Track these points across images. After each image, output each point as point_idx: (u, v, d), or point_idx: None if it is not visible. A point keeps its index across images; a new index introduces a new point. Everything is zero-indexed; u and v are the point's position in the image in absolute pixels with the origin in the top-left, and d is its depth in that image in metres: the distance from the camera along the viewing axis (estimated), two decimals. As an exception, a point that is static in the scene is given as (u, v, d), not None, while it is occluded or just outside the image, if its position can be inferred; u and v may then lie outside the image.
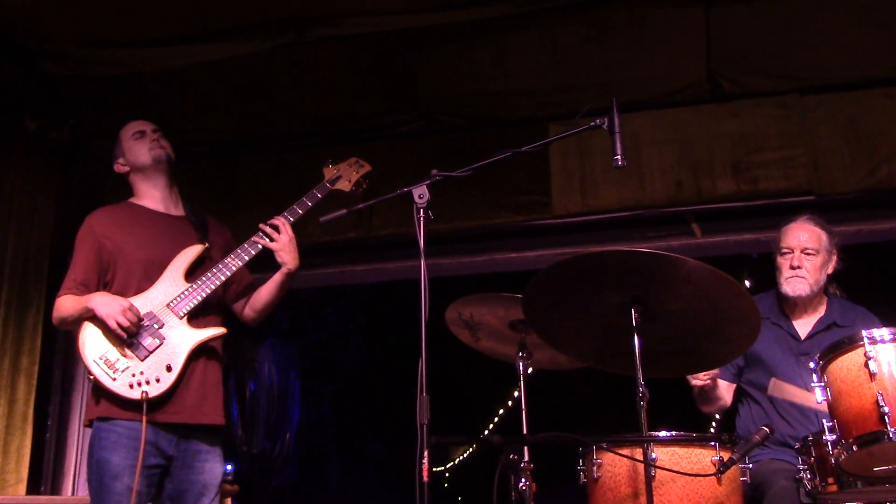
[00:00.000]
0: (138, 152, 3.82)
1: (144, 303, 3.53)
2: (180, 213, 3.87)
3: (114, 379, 3.41)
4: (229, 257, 3.67)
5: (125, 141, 3.87)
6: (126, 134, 3.89)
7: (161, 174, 3.83)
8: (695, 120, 5.40)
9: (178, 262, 3.65)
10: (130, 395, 3.40)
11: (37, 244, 5.64)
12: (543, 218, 5.52)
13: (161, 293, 3.58)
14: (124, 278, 3.62)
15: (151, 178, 3.83)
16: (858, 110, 5.21)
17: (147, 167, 3.82)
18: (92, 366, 3.43)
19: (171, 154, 3.84)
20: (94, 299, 3.48)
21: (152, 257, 3.64)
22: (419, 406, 2.64)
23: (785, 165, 5.20)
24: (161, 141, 3.84)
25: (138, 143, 3.83)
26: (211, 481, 3.58)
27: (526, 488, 3.26)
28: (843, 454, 2.91)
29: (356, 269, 6.02)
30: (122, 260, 3.64)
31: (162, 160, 3.80)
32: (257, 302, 3.84)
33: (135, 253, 3.65)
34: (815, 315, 4.02)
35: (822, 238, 3.98)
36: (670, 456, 2.95)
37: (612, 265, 3.03)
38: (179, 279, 3.62)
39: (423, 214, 2.94)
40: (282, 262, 3.71)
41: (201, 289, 3.60)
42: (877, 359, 2.88)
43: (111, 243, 3.66)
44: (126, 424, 3.42)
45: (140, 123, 3.91)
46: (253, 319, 3.89)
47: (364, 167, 3.98)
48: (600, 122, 3.03)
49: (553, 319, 3.26)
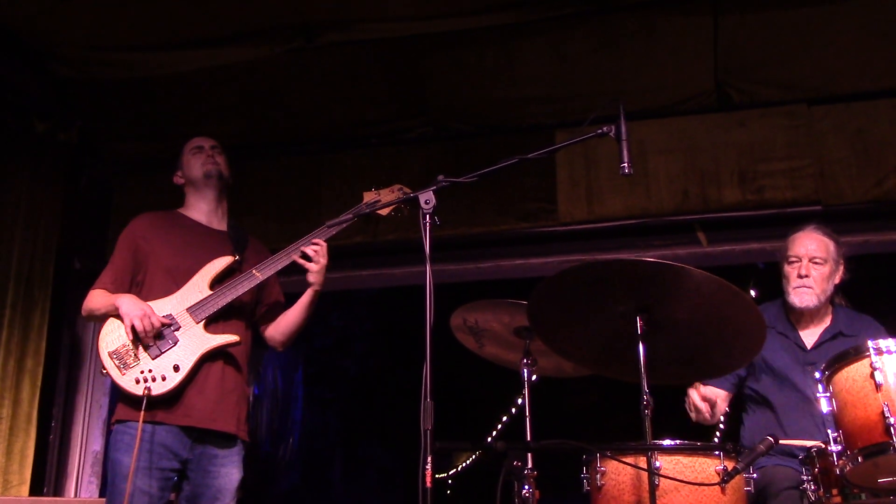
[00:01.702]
0: (193, 166, 3.96)
1: (166, 305, 3.62)
2: (222, 229, 3.96)
3: (123, 374, 3.49)
4: (254, 268, 3.72)
5: (185, 154, 4.01)
6: (187, 147, 4.03)
7: (210, 189, 3.95)
8: (702, 129, 5.40)
9: (206, 271, 3.73)
10: (135, 390, 3.46)
11: (43, 246, 5.64)
12: (549, 225, 5.52)
13: (184, 298, 3.66)
14: (152, 280, 3.72)
15: (201, 192, 3.95)
16: (866, 121, 5.20)
17: (198, 181, 3.94)
18: (105, 359, 3.53)
19: (223, 171, 3.97)
20: (121, 299, 3.60)
21: (182, 264, 3.73)
22: (423, 412, 2.64)
23: (792, 175, 5.20)
24: (216, 157, 3.96)
25: (195, 157, 3.97)
26: (226, 486, 3.62)
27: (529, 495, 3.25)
28: (848, 465, 2.90)
29: (362, 274, 6.02)
30: (153, 262, 3.75)
31: (212, 175, 3.93)
32: (284, 325, 3.89)
33: (166, 257, 3.75)
34: (821, 325, 4.00)
35: (830, 247, 3.97)
36: (674, 465, 2.94)
37: (619, 274, 3.02)
38: (204, 286, 3.69)
39: (429, 220, 2.94)
40: (311, 283, 3.78)
41: (223, 296, 3.66)
42: (883, 370, 2.87)
43: (148, 246, 3.78)
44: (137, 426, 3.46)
45: (201, 140, 4.05)
46: (280, 343, 3.93)
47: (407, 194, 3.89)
48: (607, 130, 3.03)
49: (558, 326, 3.26)
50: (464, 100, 5.64)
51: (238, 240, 3.91)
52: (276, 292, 3.96)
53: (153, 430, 3.49)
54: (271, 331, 3.93)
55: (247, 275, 3.70)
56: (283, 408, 11.24)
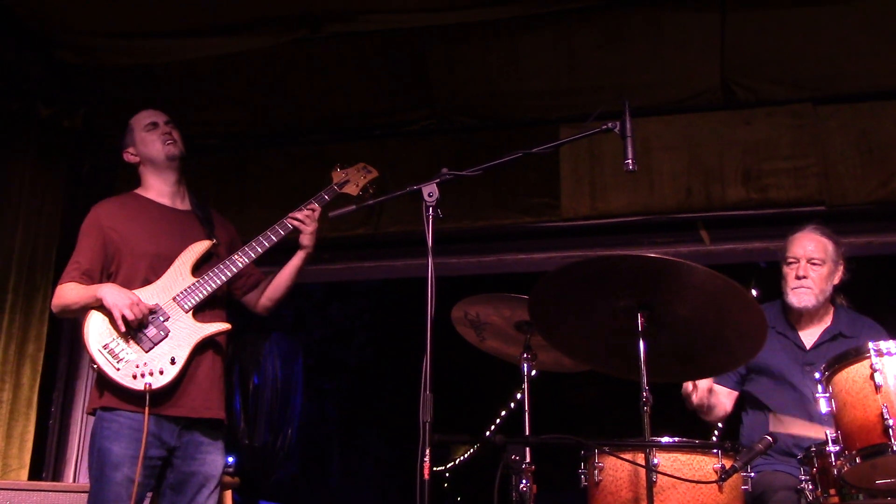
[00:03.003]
0: (150, 146, 3.81)
1: (150, 295, 3.55)
2: (187, 208, 3.87)
3: (117, 369, 3.42)
4: (236, 254, 3.70)
5: (137, 131, 3.85)
6: (138, 124, 3.87)
7: (172, 170, 3.84)
8: (707, 126, 5.39)
9: (186, 257, 3.66)
10: (133, 385, 3.40)
11: (45, 231, 5.65)
12: (552, 220, 5.51)
13: (167, 287, 3.59)
14: (129, 270, 3.62)
15: (161, 173, 3.83)
16: (872, 122, 5.19)
17: (158, 162, 3.81)
18: (96, 355, 3.43)
19: (182, 150, 3.84)
20: (103, 289, 3.49)
21: (159, 251, 3.65)
22: (422, 404, 2.64)
23: (796, 175, 5.19)
24: (174, 134, 3.83)
25: (150, 135, 3.82)
26: (212, 473, 3.59)
27: (527, 490, 3.26)
28: (846, 466, 2.90)
29: (364, 265, 6.02)
30: (127, 252, 3.64)
31: (175, 157, 3.80)
32: (273, 289, 3.89)
33: (141, 245, 3.65)
34: (821, 325, 4.00)
35: (829, 248, 3.96)
36: (672, 462, 2.94)
37: (621, 269, 3.02)
38: (186, 273, 3.63)
39: (432, 212, 2.94)
40: (304, 246, 3.80)
41: (207, 283, 3.61)
42: (883, 371, 2.87)
43: (117, 235, 3.66)
44: (128, 415, 3.43)
45: (152, 114, 3.89)
46: (267, 308, 3.93)
47: (371, 173, 4.02)
48: (612, 126, 3.03)
49: (558, 322, 3.25)
50: (468, 93, 5.63)
51: (205, 219, 3.83)
52: (252, 266, 3.86)
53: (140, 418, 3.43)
54: (257, 296, 3.91)
55: (229, 261, 3.66)
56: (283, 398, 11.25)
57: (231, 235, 3.90)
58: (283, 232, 3.76)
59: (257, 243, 3.71)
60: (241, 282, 3.88)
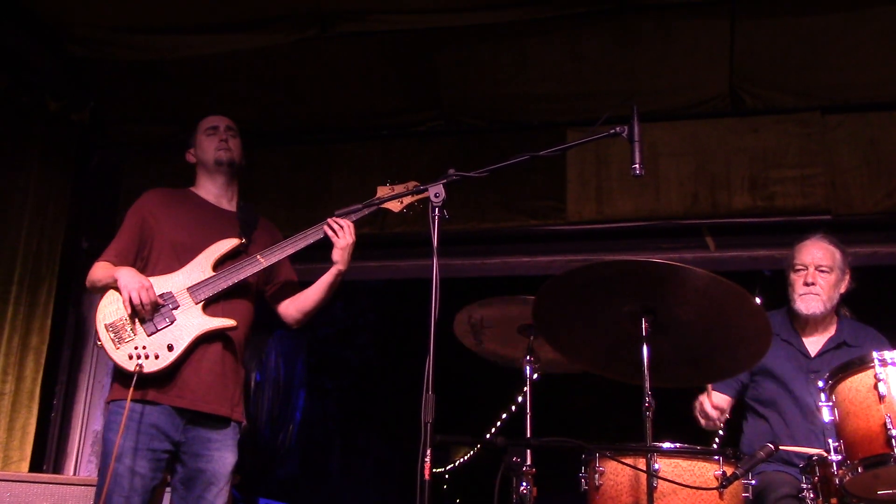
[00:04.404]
0: (206, 149, 3.91)
1: (166, 283, 3.60)
2: (232, 209, 3.92)
3: (117, 348, 3.47)
4: (260, 253, 3.71)
5: (198, 133, 3.96)
6: (201, 127, 3.98)
7: (222, 174, 3.91)
8: (714, 133, 5.39)
9: (211, 251, 3.71)
10: (127, 365, 3.44)
11: (52, 223, 5.66)
12: (558, 224, 5.51)
13: (185, 276, 3.63)
14: (157, 256, 3.70)
15: (212, 175, 3.92)
16: (880, 132, 5.18)
17: (209, 165, 3.90)
18: (101, 331, 3.51)
19: (234, 158, 3.92)
20: (120, 271, 3.58)
21: (186, 241, 3.71)
22: (424, 404, 2.64)
23: (803, 183, 5.18)
24: (230, 142, 3.92)
25: (209, 139, 3.92)
26: (220, 470, 3.58)
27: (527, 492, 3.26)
28: (848, 475, 2.91)
29: (368, 265, 6.02)
30: (159, 238, 3.73)
31: (223, 162, 3.89)
32: (304, 303, 3.87)
33: (171, 234, 3.73)
34: (825, 334, 4.01)
35: (837, 256, 3.97)
36: (673, 468, 2.94)
37: (626, 274, 3.02)
38: (207, 267, 3.67)
39: (438, 213, 2.94)
40: (336, 262, 3.76)
41: (224, 279, 3.63)
42: (887, 381, 2.88)
43: (154, 220, 3.76)
44: (132, 407, 3.44)
45: (216, 119, 3.99)
46: (297, 321, 3.91)
47: (422, 193, 3.77)
48: (620, 130, 3.02)
49: (563, 325, 3.25)
50: (476, 95, 5.63)
51: (246, 221, 3.88)
52: (287, 271, 3.91)
53: (143, 409, 3.46)
54: (288, 308, 3.90)
55: (251, 259, 3.68)
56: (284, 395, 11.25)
57: (274, 240, 3.86)
58: (311, 239, 3.74)
59: (281, 248, 3.72)
60: (272, 288, 3.91)
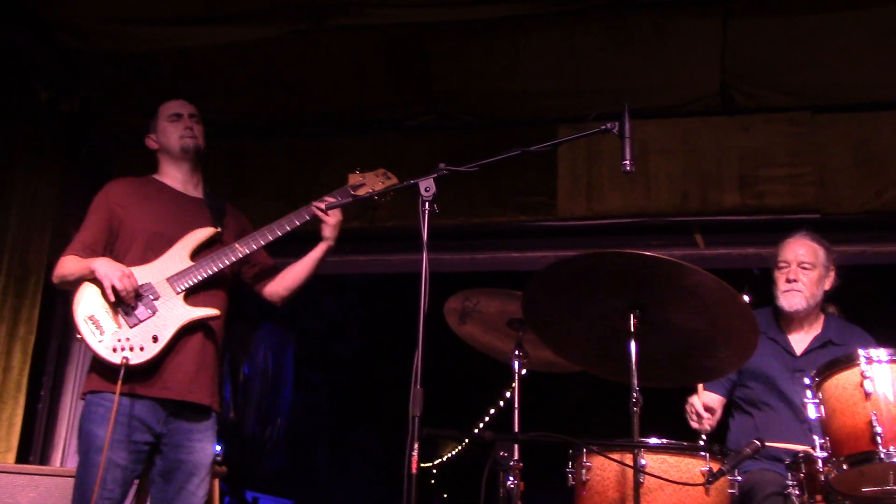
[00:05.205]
0: (169, 136, 3.86)
1: (144, 273, 3.55)
2: (198, 196, 3.89)
3: (99, 340, 3.43)
4: (238, 242, 3.69)
5: (161, 120, 3.90)
6: (163, 112, 3.92)
7: (187, 161, 3.88)
8: (705, 131, 5.40)
9: (187, 241, 3.67)
10: (111, 358, 3.40)
11: (41, 214, 5.64)
12: (548, 219, 5.52)
13: (163, 267, 3.59)
14: (127, 246, 3.65)
15: (176, 162, 3.88)
16: (870, 132, 5.21)
17: (174, 152, 3.86)
18: (81, 324, 3.45)
19: (200, 144, 3.88)
20: (96, 261, 3.52)
21: (160, 231, 3.67)
22: (412, 398, 2.64)
23: (792, 182, 5.21)
24: (194, 129, 3.87)
25: (173, 125, 3.87)
26: (201, 461, 3.58)
27: (514, 487, 3.26)
28: (834, 472, 2.92)
29: (358, 259, 6.02)
30: (128, 228, 3.67)
31: (189, 150, 3.84)
32: (289, 279, 3.87)
33: (143, 224, 3.68)
34: (811, 332, 4.03)
35: (820, 253, 3.99)
36: (660, 463, 2.94)
37: (616, 267, 3.02)
38: (185, 257, 3.64)
39: (428, 207, 2.94)
40: (325, 238, 3.78)
41: (203, 268, 3.61)
42: (873, 379, 2.89)
43: (123, 211, 3.70)
44: (113, 398, 3.40)
45: (178, 105, 3.94)
46: (282, 297, 3.90)
47: (391, 179, 3.93)
48: (611, 127, 3.02)
49: (552, 319, 3.26)
50: (469, 90, 5.63)
51: (216, 208, 3.85)
52: (262, 253, 3.88)
53: (131, 403, 3.44)
54: (274, 287, 3.89)
55: (229, 248, 3.66)
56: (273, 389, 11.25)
57: (243, 227, 3.88)
58: (297, 221, 3.75)
59: (261, 235, 3.72)
60: (252, 270, 3.89)
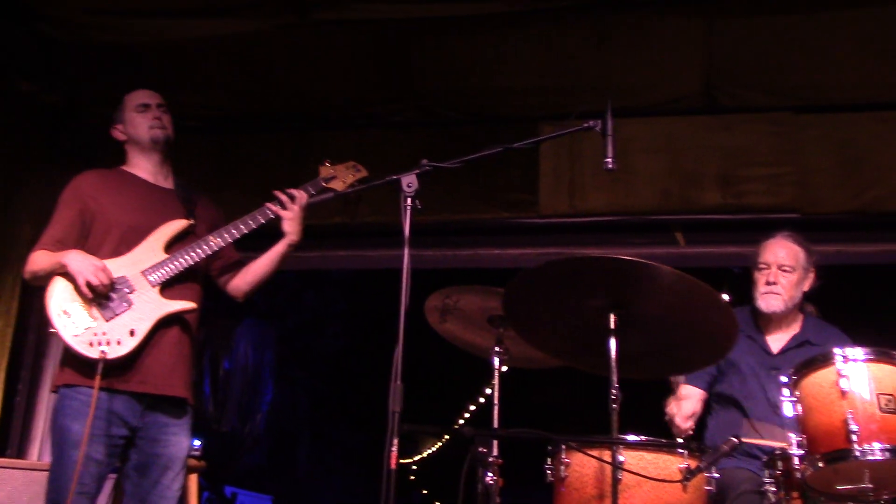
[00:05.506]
0: (138, 126, 3.79)
1: (118, 267, 3.51)
2: (169, 187, 3.85)
3: (75, 335, 3.38)
4: (212, 235, 3.66)
5: (128, 110, 3.83)
6: (130, 103, 3.85)
7: (158, 152, 3.83)
8: (687, 130, 5.43)
9: (160, 233, 3.63)
10: (88, 353, 3.36)
11: (21, 207, 5.60)
12: (530, 217, 5.53)
13: (137, 260, 3.55)
14: (100, 239, 3.60)
15: (146, 153, 3.82)
16: (850, 133, 5.25)
17: (144, 143, 3.80)
18: (55, 318, 3.40)
19: (169, 135, 3.83)
20: (68, 255, 3.46)
21: (132, 223, 3.62)
22: (392, 393, 2.64)
23: (772, 182, 5.24)
24: (163, 119, 3.82)
25: (141, 116, 3.80)
26: (177, 454, 3.56)
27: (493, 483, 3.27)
28: (809, 469, 2.94)
29: (339, 254, 6.01)
30: (101, 221, 3.62)
31: (159, 141, 3.79)
32: (252, 274, 3.84)
33: (115, 216, 3.63)
34: (788, 331, 4.06)
35: (800, 256, 4.02)
36: (638, 460, 2.96)
37: (596, 270, 3.05)
38: (158, 249, 3.60)
39: (410, 203, 2.94)
40: (287, 233, 3.73)
41: (178, 260, 3.58)
42: (849, 377, 2.93)
43: (94, 204, 3.65)
44: (89, 392, 3.37)
45: (146, 95, 3.88)
46: (244, 293, 3.87)
47: (361, 172, 3.94)
48: (593, 124, 3.04)
49: (533, 317, 3.28)
50: (452, 87, 5.63)
51: (188, 200, 3.81)
52: (230, 248, 3.83)
53: (108, 397, 3.40)
54: (237, 281, 3.85)
55: (203, 241, 3.63)
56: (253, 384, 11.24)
57: (215, 218, 3.85)
58: (262, 218, 3.72)
59: (235, 227, 3.68)
60: (218, 263, 3.85)
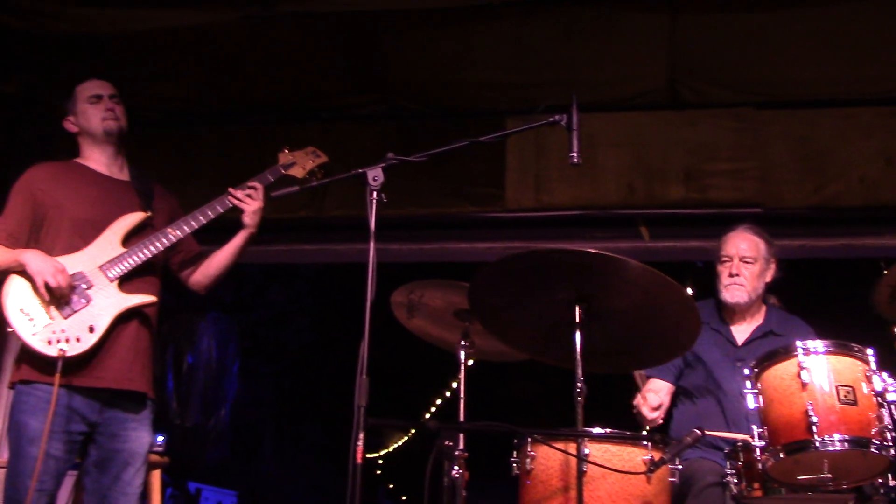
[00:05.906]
0: (91, 118, 3.73)
1: (75, 262, 3.46)
2: (125, 178, 3.79)
3: (33, 333, 3.33)
4: (170, 227, 3.62)
5: (79, 102, 3.76)
6: (81, 94, 3.77)
7: (111, 144, 3.76)
8: (652, 125, 5.47)
9: (117, 227, 3.58)
10: (47, 351, 3.31)
11: (-21, 198, 5.51)
12: (496, 211, 5.55)
13: (95, 255, 3.50)
14: (54, 234, 3.54)
15: (99, 145, 3.75)
16: (811, 129, 5.32)
17: (97, 135, 3.73)
18: (12, 317, 3.35)
19: (123, 126, 3.76)
20: (26, 255, 3.41)
21: (88, 217, 3.57)
22: (358, 388, 2.63)
23: (735, 177, 5.30)
24: (116, 110, 3.74)
25: (93, 107, 3.73)
26: (137, 450, 3.51)
27: (458, 476, 3.28)
28: (771, 460, 2.99)
29: (305, 248, 5.98)
30: (55, 215, 3.56)
31: (113, 133, 3.73)
32: (211, 267, 3.81)
33: (70, 210, 3.57)
34: (752, 322, 4.11)
35: (761, 247, 4.07)
36: (603, 452, 2.98)
37: (561, 263, 3.06)
38: (116, 243, 3.55)
39: (375, 197, 2.93)
40: (246, 225, 3.73)
41: (136, 254, 3.53)
42: (809, 370, 2.98)
43: (48, 197, 3.58)
44: (46, 388, 3.32)
45: (97, 86, 3.80)
46: (204, 286, 3.84)
47: (320, 157, 3.94)
48: (559, 119, 3.05)
49: (498, 310, 3.28)
50: (419, 80, 5.62)
51: (144, 192, 3.75)
52: (190, 240, 3.80)
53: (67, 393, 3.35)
54: (197, 276, 3.83)
55: (161, 233, 3.59)
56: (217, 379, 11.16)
57: (172, 209, 3.81)
58: (220, 208, 3.69)
59: (193, 218, 3.64)
60: (178, 257, 3.82)
